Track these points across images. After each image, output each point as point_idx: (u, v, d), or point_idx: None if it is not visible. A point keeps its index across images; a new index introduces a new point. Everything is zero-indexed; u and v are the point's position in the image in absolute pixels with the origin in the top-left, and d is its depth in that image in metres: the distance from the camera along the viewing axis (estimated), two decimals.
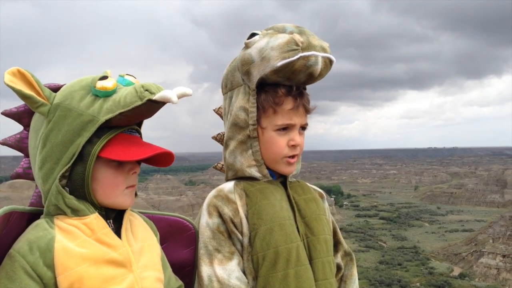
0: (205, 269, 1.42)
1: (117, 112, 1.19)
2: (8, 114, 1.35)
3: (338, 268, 1.67)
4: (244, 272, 1.44)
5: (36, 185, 1.36)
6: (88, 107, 1.21)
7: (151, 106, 1.22)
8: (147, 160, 1.35)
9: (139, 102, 1.19)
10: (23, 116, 1.35)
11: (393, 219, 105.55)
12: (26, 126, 1.37)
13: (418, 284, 55.86)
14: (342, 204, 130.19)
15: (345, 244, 1.72)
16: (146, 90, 1.19)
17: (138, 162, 1.33)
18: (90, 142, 1.22)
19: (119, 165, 1.27)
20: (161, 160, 1.35)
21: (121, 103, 1.20)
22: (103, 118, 1.19)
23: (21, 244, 1.16)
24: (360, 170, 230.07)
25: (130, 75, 1.31)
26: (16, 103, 1.34)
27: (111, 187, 1.26)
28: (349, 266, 1.71)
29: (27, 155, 1.38)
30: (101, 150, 1.22)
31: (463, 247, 72.23)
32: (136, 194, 1.36)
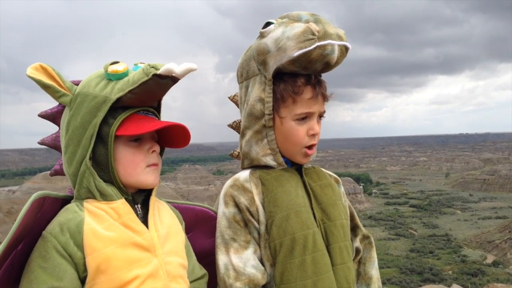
0: (221, 258, 1.45)
1: (127, 90, 1.27)
2: (44, 115, 1.44)
3: (357, 251, 1.70)
4: (261, 260, 1.46)
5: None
6: (102, 90, 1.30)
7: (159, 83, 1.29)
8: (166, 143, 1.46)
9: (146, 78, 1.25)
10: (57, 116, 1.43)
11: (424, 207, 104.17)
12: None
13: (450, 272, 54.89)
14: (371, 192, 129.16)
15: (363, 228, 1.74)
16: (152, 67, 1.26)
17: (161, 146, 1.44)
18: (107, 123, 1.29)
19: (138, 145, 1.34)
20: (178, 140, 1.43)
21: (130, 82, 1.28)
22: (114, 97, 1.27)
23: (53, 226, 1.24)
24: (389, 158, 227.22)
25: (143, 63, 1.35)
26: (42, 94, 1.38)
27: (132, 166, 1.33)
28: (368, 249, 1.72)
29: None
30: (118, 130, 1.29)
31: (497, 235, 70.65)
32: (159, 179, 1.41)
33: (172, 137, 1.43)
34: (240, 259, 1.43)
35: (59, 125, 1.44)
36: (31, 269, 1.20)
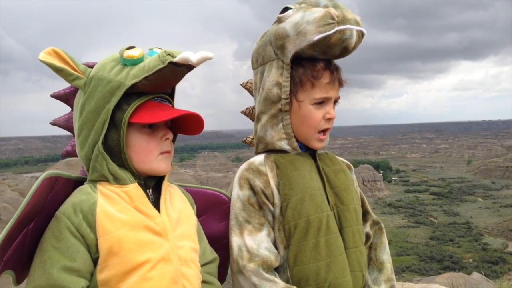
0: (235, 239, 1.47)
1: (142, 77, 1.26)
2: (56, 96, 1.45)
3: (368, 236, 1.71)
4: (274, 243, 1.49)
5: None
6: (116, 75, 1.30)
7: (175, 70, 1.28)
8: (179, 129, 1.46)
9: (162, 65, 1.25)
10: (70, 97, 1.44)
11: (445, 194, 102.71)
12: (73, 107, 1.45)
13: (471, 260, 54.21)
14: (390, 180, 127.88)
15: (373, 214, 1.76)
16: (168, 55, 1.25)
17: (174, 132, 1.44)
18: (121, 109, 1.30)
19: (152, 132, 1.35)
20: (192, 127, 1.44)
21: (145, 68, 1.27)
22: (129, 83, 1.27)
23: (66, 206, 1.25)
24: (409, 145, 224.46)
25: (159, 48, 1.35)
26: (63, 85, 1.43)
27: (145, 153, 1.33)
28: (378, 235, 1.74)
29: (75, 134, 1.43)
30: (131, 116, 1.29)
31: None
32: (171, 165, 1.43)
33: (186, 124, 1.43)
34: (254, 241, 1.44)
35: (71, 106, 1.45)
36: (44, 248, 1.21)
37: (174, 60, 1.24)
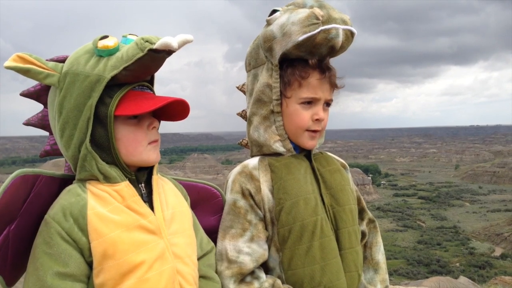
0: (218, 244, 1.49)
1: (122, 67, 1.20)
2: (26, 94, 1.37)
3: (363, 234, 1.72)
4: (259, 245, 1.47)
5: (66, 160, 1.36)
6: (93, 68, 1.23)
7: (155, 57, 1.23)
8: (165, 117, 1.40)
9: (141, 54, 1.19)
10: (40, 94, 1.37)
11: (433, 199, 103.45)
12: (46, 104, 1.38)
13: (457, 264, 54.61)
14: (379, 183, 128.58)
15: (369, 212, 1.76)
16: (147, 41, 1.20)
17: (158, 119, 1.38)
18: (103, 103, 1.24)
19: (137, 122, 1.30)
20: (177, 113, 1.39)
21: (124, 58, 1.21)
22: (108, 75, 1.20)
23: (55, 210, 1.20)
24: (398, 149, 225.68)
25: (133, 35, 1.30)
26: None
27: (134, 145, 1.29)
28: (374, 233, 1.75)
29: (51, 132, 1.40)
30: (116, 109, 1.24)
31: (506, 227, 70.12)
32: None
33: (171, 110, 1.38)
34: (234, 247, 1.44)
35: (43, 103, 1.39)
36: (36, 255, 1.18)
37: (154, 47, 1.19)
